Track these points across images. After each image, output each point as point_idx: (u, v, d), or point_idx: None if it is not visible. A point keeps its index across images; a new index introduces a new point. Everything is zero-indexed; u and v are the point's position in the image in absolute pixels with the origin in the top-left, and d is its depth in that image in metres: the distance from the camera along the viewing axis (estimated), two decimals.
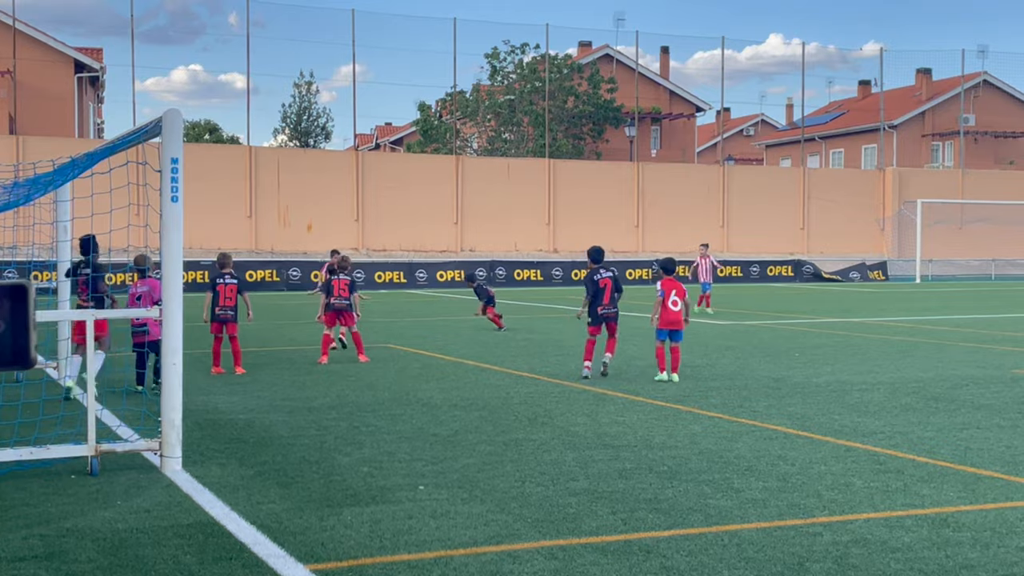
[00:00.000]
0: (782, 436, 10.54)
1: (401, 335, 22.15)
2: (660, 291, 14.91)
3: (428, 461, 9.30)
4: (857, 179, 60.98)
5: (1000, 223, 58.62)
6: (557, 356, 17.93)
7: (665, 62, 70.21)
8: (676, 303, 14.84)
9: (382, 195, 50.22)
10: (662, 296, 14.86)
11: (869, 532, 7.08)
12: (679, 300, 14.87)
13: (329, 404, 12.65)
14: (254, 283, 43.20)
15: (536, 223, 52.61)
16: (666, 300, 14.83)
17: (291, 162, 50.23)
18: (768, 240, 56.16)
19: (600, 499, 7.94)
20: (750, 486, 8.36)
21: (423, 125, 63.21)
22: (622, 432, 10.73)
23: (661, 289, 14.92)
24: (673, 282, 15.01)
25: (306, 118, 68.22)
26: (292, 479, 8.65)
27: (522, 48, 60.98)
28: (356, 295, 18.02)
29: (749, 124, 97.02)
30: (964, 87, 66.55)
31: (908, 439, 10.36)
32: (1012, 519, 7.40)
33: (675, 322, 14.89)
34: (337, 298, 17.39)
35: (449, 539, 6.93)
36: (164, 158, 8.99)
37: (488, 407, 12.39)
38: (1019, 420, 11.47)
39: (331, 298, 17.44)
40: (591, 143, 62.47)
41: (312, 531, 7.13)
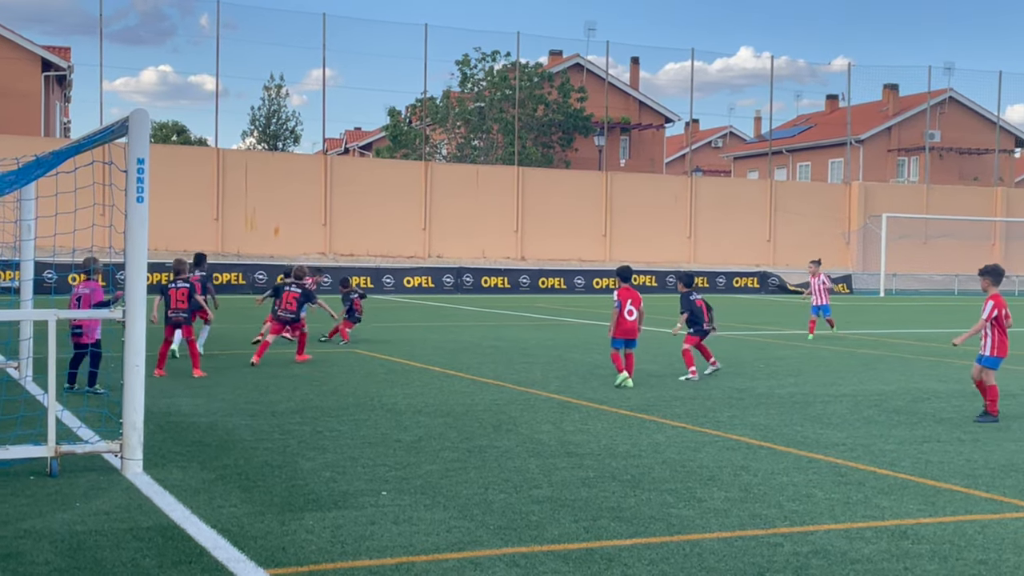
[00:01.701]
0: (745, 446, 10.59)
1: (367, 340, 22.08)
2: (616, 301, 15.24)
3: (391, 467, 9.28)
4: (823, 192, 61.40)
5: (964, 238, 59.20)
6: (523, 363, 17.93)
7: (635, 72, 70.52)
8: (632, 312, 15.13)
9: (350, 200, 50.09)
10: (618, 307, 15.18)
11: (829, 543, 7.12)
12: (635, 309, 15.17)
13: (293, 408, 12.59)
14: (220, 286, 42.98)
15: (504, 230, 52.64)
16: (622, 309, 15.12)
17: (259, 165, 50.02)
18: (735, 251, 56.44)
19: (563, 507, 7.94)
20: (712, 496, 8.38)
21: (393, 131, 63.13)
22: (586, 440, 10.74)
23: (617, 299, 15.24)
24: (629, 291, 15.32)
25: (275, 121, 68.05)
26: (254, 483, 8.61)
27: (493, 56, 61.05)
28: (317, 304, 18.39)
29: (718, 136, 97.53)
30: (930, 103, 67.16)
31: (869, 451, 10.43)
32: (971, 532, 7.46)
33: (630, 331, 15.23)
34: (284, 310, 17.92)
35: (411, 545, 6.91)
36: (130, 158, 8.93)
37: (453, 414, 12.37)
38: (979, 434, 11.57)
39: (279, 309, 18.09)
40: (560, 152, 62.58)
41: (273, 535, 7.09)
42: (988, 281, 12.80)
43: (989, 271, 12.90)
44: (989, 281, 12.81)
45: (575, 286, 48.95)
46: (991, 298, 12.59)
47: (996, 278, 12.82)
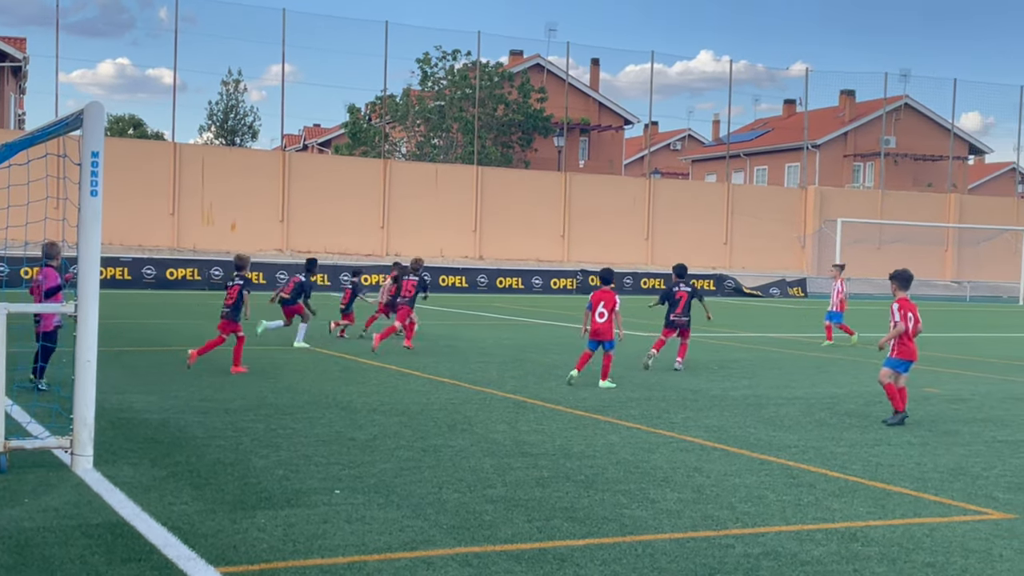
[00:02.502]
0: (698, 448, 10.65)
1: (323, 338, 21.98)
2: (588, 303, 15.55)
3: (345, 465, 9.25)
4: (780, 196, 61.85)
5: (917, 243, 59.84)
6: (479, 363, 17.93)
7: (595, 74, 70.71)
8: (603, 314, 15.27)
9: (308, 197, 49.87)
10: (589, 308, 15.47)
11: (780, 545, 7.17)
12: (606, 311, 15.31)
13: (247, 406, 12.52)
14: (175, 281, 42.68)
15: (463, 230, 52.60)
16: (593, 311, 15.35)
17: (216, 160, 49.68)
18: (691, 254, 56.65)
19: (517, 507, 7.94)
20: (665, 497, 8.42)
21: (352, 128, 62.92)
22: (541, 440, 10.76)
23: (590, 301, 15.54)
24: (604, 293, 15.52)
25: (233, 116, 67.57)
26: (206, 480, 8.55)
27: (453, 54, 61.00)
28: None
29: (676, 139, 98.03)
30: (886, 109, 67.84)
31: (821, 454, 10.52)
32: (919, 535, 7.54)
33: (598, 332, 15.36)
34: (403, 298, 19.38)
35: (363, 544, 6.89)
36: (84, 152, 8.84)
37: (408, 412, 12.35)
38: (929, 438, 11.70)
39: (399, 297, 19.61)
40: (520, 152, 62.63)
41: (224, 533, 7.04)
42: (896, 286, 13.00)
43: (897, 276, 13.08)
44: (897, 286, 13.01)
45: (533, 286, 49.01)
46: (898, 302, 12.76)
47: (904, 283, 13.01)
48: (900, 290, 12.94)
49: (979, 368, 19.71)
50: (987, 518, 8.09)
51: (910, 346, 12.69)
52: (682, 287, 18.41)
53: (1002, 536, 7.56)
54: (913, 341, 12.73)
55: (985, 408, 14.26)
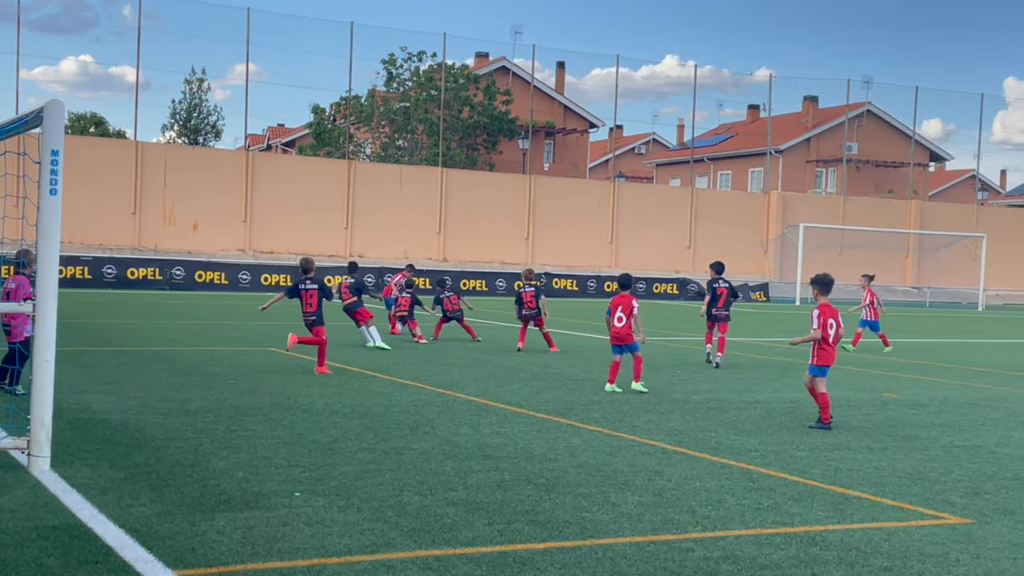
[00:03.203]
0: (660, 452, 10.68)
1: (284, 339, 21.86)
2: (608, 308, 15.60)
3: (306, 467, 9.20)
4: (743, 201, 62.21)
5: (878, 249, 60.35)
6: (441, 365, 17.91)
7: (561, 77, 70.84)
8: (622, 319, 15.28)
9: (271, 197, 49.67)
10: (608, 313, 15.52)
11: (740, 549, 7.20)
12: (624, 316, 15.32)
13: (207, 407, 12.44)
14: (136, 281, 42.36)
15: (427, 231, 52.55)
16: (612, 316, 15.36)
17: (179, 160, 49.39)
18: (655, 257, 56.95)
19: (478, 510, 7.94)
20: (626, 500, 8.44)
21: (316, 128, 62.72)
22: (503, 443, 10.75)
23: (609, 306, 15.58)
24: (622, 298, 15.47)
25: (196, 115, 67.11)
26: (164, 482, 8.48)
27: (419, 56, 60.93)
28: None
29: (641, 142, 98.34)
30: (848, 116, 68.39)
31: (781, 458, 10.57)
32: (877, 539, 7.60)
33: (620, 337, 15.36)
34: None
35: (323, 547, 6.86)
36: (44, 150, 8.76)
37: (370, 415, 12.31)
38: (888, 442, 11.79)
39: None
40: (485, 154, 62.64)
41: (183, 536, 6.99)
42: (817, 291, 13.12)
43: (817, 281, 13.22)
44: (818, 291, 13.13)
45: (497, 288, 49.04)
46: (819, 308, 12.84)
47: (824, 288, 13.13)
48: (821, 295, 13.06)
49: (938, 373, 19.89)
50: (944, 523, 8.16)
51: (829, 352, 12.78)
52: (722, 283, 19.84)
53: (959, 541, 7.63)
54: (833, 347, 12.79)
55: (943, 413, 14.39)
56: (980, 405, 15.44)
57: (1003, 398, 16.43)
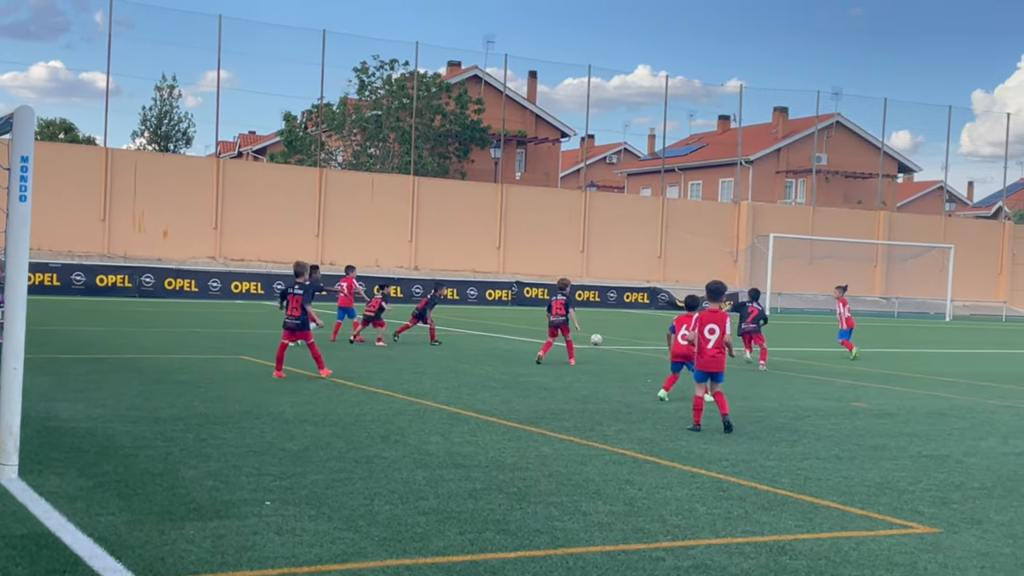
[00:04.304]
0: (631, 460, 10.70)
1: (255, 347, 21.81)
2: (671, 326, 15.68)
3: (276, 476, 9.17)
4: (713, 211, 62.48)
5: (847, 260, 60.73)
6: (413, 374, 17.89)
7: (533, 86, 70.98)
8: (685, 337, 14.97)
9: (242, 204, 49.49)
10: (672, 331, 15.64)
11: (710, 558, 7.23)
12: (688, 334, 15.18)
13: (176, 415, 12.37)
14: (105, 288, 42.11)
15: (398, 239, 52.48)
16: (676, 334, 15.33)
17: (149, 166, 49.13)
18: (626, 267, 57.10)
19: (449, 519, 7.93)
20: (597, 509, 8.45)
21: (288, 136, 62.54)
22: (474, 452, 10.75)
23: (672, 324, 15.66)
24: (687, 318, 15.28)
25: (167, 122, 66.77)
26: (134, 491, 8.43)
27: (391, 64, 60.90)
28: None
29: (612, 152, 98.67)
30: (818, 127, 68.84)
31: (751, 467, 10.62)
32: (846, 548, 7.64)
33: (681, 355, 15.37)
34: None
35: (294, 556, 6.83)
36: (13, 156, 8.70)
37: (340, 423, 12.28)
38: (857, 452, 11.86)
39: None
40: (456, 162, 62.65)
41: (152, 545, 6.95)
42: (705, 297, 13.30)
43: (707, 288, 13.39)
44: (706, 297, 13.32)
45: (468, 297, 49.03)
46: (700, 314, 13.17)
47: (711, 295, 13.27)
48: (709, 302, 13.23)
49: (906, 383, 20.03)
50: (912, 532, 8.22)
51: (704, 357, 12.98)
52: (755, 304, 22.21)
53: (927, 550, 7.69)
54: (715, 351, 12.94)
55: (911, 423, 14.50)
56: (947, 415, 15.56)
57: (970, 408, 16.56)
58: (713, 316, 13.04)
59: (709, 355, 12.99)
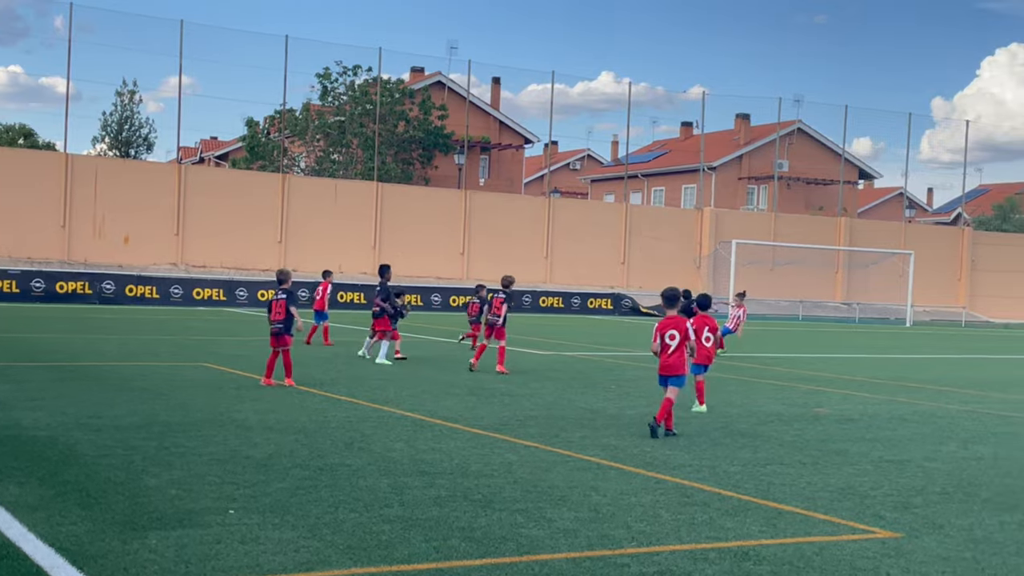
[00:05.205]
0: (595, 467, 10.72)
1: (218, 354, 21.68)
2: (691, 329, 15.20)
3: (240, 484, 9.11)
4: (676, 217, 62.74)
5: (808, 266, 61.16)
6: (377, 380, 17.84)
7: (496, 92, 71.03)
8: (708, 339, 15.28)
9: (204, 210, 49.20)
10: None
11: (674, 564, 7.25)
12: (711, 336, 15.42)
13: (138, 423, 12.27)
14: (65, 295, 41.72)
15: (362, 246, 52.35)
16: (699, 337, 15.00)
17: (110, 172, 48.75)
18: (589, 273, 57.22)
19: (414, 526, 7.91)
20: (562, 516, 8.46)
21: (250, 141, 62.25)
22: (439, 459, 10.73)
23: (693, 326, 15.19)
24: (705, 319, 15.51)
25: (128, 128, 66.27)
26: (95, 500, 8.35)
27: (354, 70, 60.75)
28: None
29: (576, 158, 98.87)
30: (779, 134, 69.29)
31: (715, 473, 10.66)
32: (809, 554, 7.69)
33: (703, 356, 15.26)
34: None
35: (258, 565, 6.80)
36: None
37: (304, 431, 12.23)
38: (819, 457, 11.94)
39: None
40: (420, 168, 62.59)
41: (114, 555, 6.89)
42: (663, 304, 13.44)
43: (662, 295, 13.49)
44: (663, 304, 13.43)
45: (432, 303, 48.97)
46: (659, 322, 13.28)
47: (666, 302, 13.40)
48: (667, 308, 13.34)
49: (867, 389, 20.19)
50: (874, 537, 8.28)
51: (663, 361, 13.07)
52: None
53: (889, 555, 7.75)
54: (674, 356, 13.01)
55: (873, 428, 14.61)
56: (909, 420, 15.70)
57: (931, 413, 16.71)
58: (673, 322, 13.12)
59: (671, 359, 13.03)
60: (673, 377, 13.07)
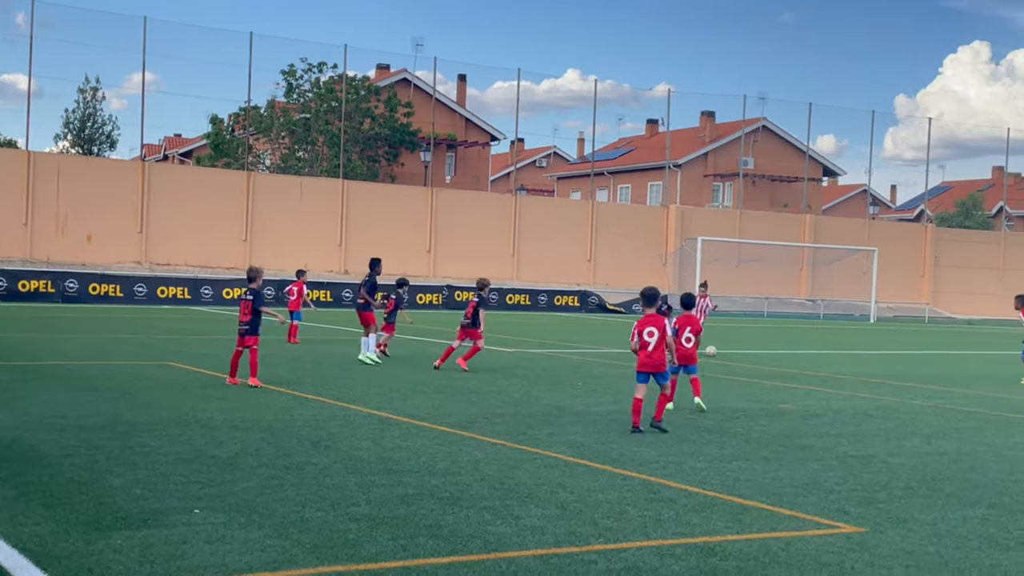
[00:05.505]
0: (562, 464, 10.74)
1: (182, 353, 21.56)
2: (674, 329, 15.12)
3: (205, 484, 9.07)
4: (642, 215, 62.91)
5: (773, 263, 61.50)
6: (344, 379, 17.79)
7: (462, 90, 70.96)
8: (689, 339, 15.05)
9: (168, 208, 48.87)
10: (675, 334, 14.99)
11: (641, 560, 7.28)
12: (692, 336, 15.14)
13: (102, 423, 12.18)
14: (27, 293, 41.33)
15: (328, 243, 52.17)
16: (680, 336, 14.99)
17: (72, 170, 48.33)
18: (556, 270, 57.28)
19: (381, 525, 7.90)
20: (529, 513, 8.47)
21: (214, 139, 61.84)
22: (406, 457, 10.72)
23: (675, 326, 15.22)
24: (689, 318, 15.39)
25: (91, 125, 65.71)
26: (59, 500, 8.29)
27: (319, 67, 60.48)
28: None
29: (542, 156, 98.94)
30: (745, 131, 69.61)
31: (681, 469, 10.71)
32: (775, 548, 7.74)
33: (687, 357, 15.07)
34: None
35: (224, 565, 6.77)
36: None
37: (271, 429, 12.18)
38: (784, 453, 12.02)
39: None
40: (386, 166, 62.41)
41: (79, 555, 6.84)
42: (642, 303, 13.53)
43: (641, 294, 13.60)
44: (642, 303, 13.53)
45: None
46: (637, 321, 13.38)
47: (645, 300, 13.47)
48: (646, 307, 13.43)
49: (832, 384, 20.33)
50: (839, 532, 8.35)
51: (642, 359, 13.17)
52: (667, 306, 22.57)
53: (853, 549, 7.80)
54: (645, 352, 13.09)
55: (837, 424, 14.71)
56: (873, 416, 15.82)
57: (895, 409, 16.85)
58: (652, 320, 13.21)
59: (652, 357, 13.08)
60: (656, 374, 13.16)
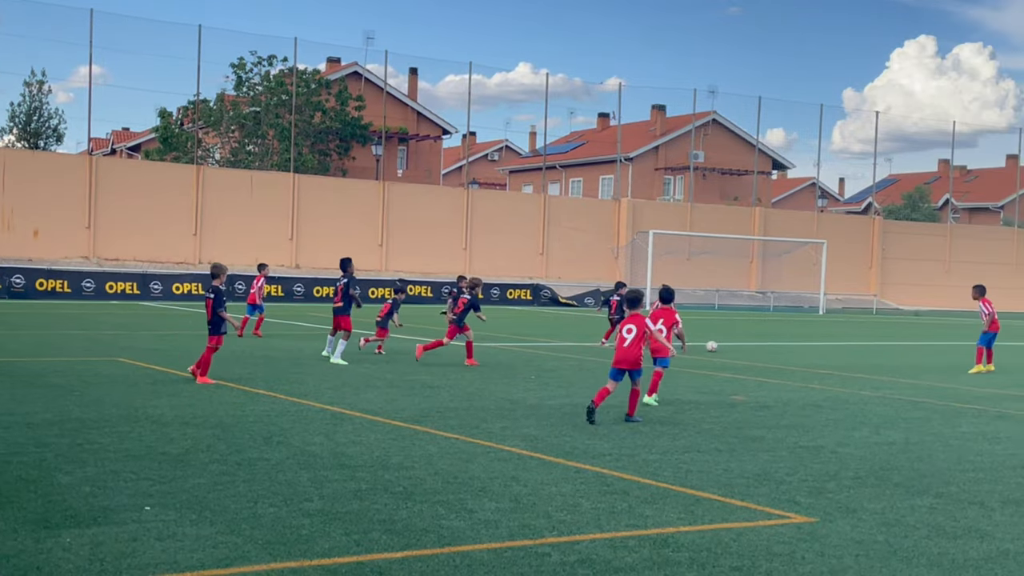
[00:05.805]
0: (516, 457, 10.75)
1: (132, 349, 21.34)
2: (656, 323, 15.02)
3: (156, 481, 8.99)
4: (594, 208, 63.07)
5: (723, 255, 61.91)
6: (295, 374, 17.70)
7: (414, 83, 70.79)
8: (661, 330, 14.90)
9: (117, 203, 48.34)
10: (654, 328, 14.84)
11: (595, 552, 7.30)
12: (664, 328, 15.12)
13: (50, 420, 12.04)
14: None
15: (279, 238, 51.85)
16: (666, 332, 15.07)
17: (18, 164, 47.68)
18: (509, 264, 57.30)
19: (334, 520, 7.87)
20: (483, 507, 8.48)
21: (163, 132, 61.25)
22: (359, 452, 10.68)
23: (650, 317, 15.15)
24: (665, 311, 15.52)
25: (37, 119, 64.88)
26: (7, 499, 8.18)
27: (269, 60, 60.09)
28: None
29: (494, 149, 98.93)
30: (695, 125, 69.97)
31: (634, 461, 10.76)
32: (727, 539, 7.79)
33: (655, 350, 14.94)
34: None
35: (175, 562, 6.71)
36: None
37: (222, 425, 12.09)
38: (736, 444, 12.10)
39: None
40: (337, 160, 62.13)
41: (27, 554, 6.75)
42: (625, 305, 13.81)
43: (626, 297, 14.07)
44: (626, 305, 13.89)
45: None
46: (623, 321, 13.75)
47: (629, 304, 13.84)
48: (630, 309, 13.78)
49: (782, 376, 20.50)
50: (790, 522, 8.42)
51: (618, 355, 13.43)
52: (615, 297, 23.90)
53: (804, 539, 7.88)
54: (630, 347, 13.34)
55: (788, 415, 14.84)
56: (822, 406, 15.97)
57: (844, 399, 17.02)
58: (633, 319, 13.56)
59: (627, 352, 13.33)
60: (631, 371, 13.39)
